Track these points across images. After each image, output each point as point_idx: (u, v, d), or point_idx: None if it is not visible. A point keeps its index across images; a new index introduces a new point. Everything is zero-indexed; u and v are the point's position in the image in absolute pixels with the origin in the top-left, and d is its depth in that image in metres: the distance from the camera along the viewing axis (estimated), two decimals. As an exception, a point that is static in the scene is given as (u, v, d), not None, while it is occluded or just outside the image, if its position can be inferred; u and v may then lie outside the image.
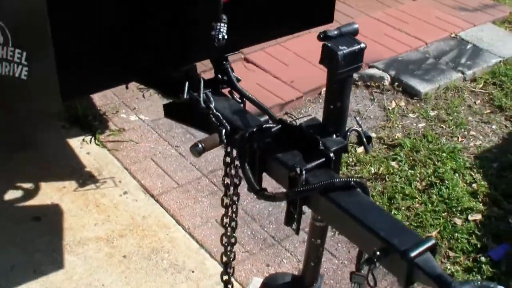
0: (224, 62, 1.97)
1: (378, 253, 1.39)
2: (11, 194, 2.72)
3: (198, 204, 2.75)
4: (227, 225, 1.96)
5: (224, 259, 2.01)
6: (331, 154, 1.60)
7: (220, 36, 1.74)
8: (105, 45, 1.67)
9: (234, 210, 1.94)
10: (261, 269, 2.44)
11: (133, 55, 1.74)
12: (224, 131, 1.75)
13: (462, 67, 3.73)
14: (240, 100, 1.96)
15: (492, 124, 3.31)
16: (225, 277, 2.03)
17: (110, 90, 3.45)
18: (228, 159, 1.85)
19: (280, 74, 3.54)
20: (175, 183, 2.86)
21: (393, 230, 1.42)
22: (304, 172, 1.55)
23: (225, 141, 1.75)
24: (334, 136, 1.68)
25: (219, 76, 1.98)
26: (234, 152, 1.84)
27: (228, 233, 1.97)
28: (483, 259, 2.48)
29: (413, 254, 1.33)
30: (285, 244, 2.57)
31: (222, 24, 1.75)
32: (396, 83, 3.56)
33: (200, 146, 1.72)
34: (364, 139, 1.70)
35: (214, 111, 1.80)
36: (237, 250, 2.29)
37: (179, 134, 3.18)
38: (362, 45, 1.58)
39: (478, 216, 2.67)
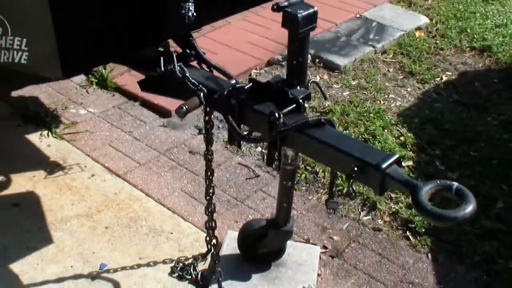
0: (190, 38, 2.28)
1: (356, 169, 1.75)
2: (-15, 188, 2.90)
3: (161, 178, 3.02)
4: (209, 177, 2.27)
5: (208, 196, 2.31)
6: (300, 100, 1.95)
7: (190, 14, 2.05)
8: (95, 25, 1.93)
9: (210, 163, 2.25)
10: (231, 225, 2.76)
11: (118, 35, 2.01)
12: (202, 94, 2.05)
13: (371, 41, 4.20)
14: (208, 70, 2.28)
15: (407, 87, 3.79)
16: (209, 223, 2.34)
17: (54, 89, 3.66)
18: (207, 118, 2.17)
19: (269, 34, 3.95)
20: (136, 163, 3.12)
21: (365, 151, 1.79)
22: (281, 115, 1.89)
23: (204, 102, 2.06)
24: (298, 87, 2.03)
25: (187, 51, 2.28)
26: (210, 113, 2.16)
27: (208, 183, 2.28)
28: (416, 194, 2.91)
29: (384, 165, 1.70)
30: (247, 203, 2.90)
31: (190, 4, 2.06)
32: (317, 60, 3.97)
33: (184, 108, 2.02)
34: (321, 88, 2.08)
35: (190, 78, 2.10)
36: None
37: (129, 121, 3.43)
38: (315, 8, 1.95)
39: (410, 162, 3.11)
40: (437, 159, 3.14)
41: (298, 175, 3.01)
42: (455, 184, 1.65)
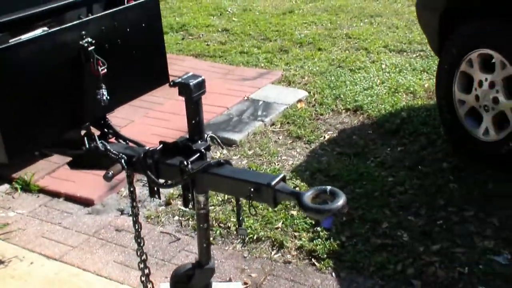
0: (106, 119, 2.77)
1: (252, 190, 2.25)
2: None
3: (95, 255, 3.39)
4: (138, 229, 2.68)
5: (141, 266, 2.71)
6: (203, 150, 2.46)
7: (104, 98, 2.57)
8: (30, 120, 2.40)
9: (136, 216, 2.67)
10: (162, 280, 3.15)
11: (49, 124, 2.48)
12: (123, 160, 2.53)
13: (260, 117, 4.82)
14: (125, 143, 2.76)
15: (296, 148, 4.38)
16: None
17: (-19, 199, 3.99)
18: (127, 179, 2.62)
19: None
20: (70, 246, 3.48)
21: (257, 176, 2.31)
22: (189, 163, 2.39)
23: (125, 166, 2.53)
24: (199, 141, 2.55)
25: (105, 130, 2.77)
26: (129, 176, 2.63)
27: (138, 240, 2.70)
28: (319, 229, 3.43)
29: (273, 183, 2.21)
30: (173, 261, 3.30)
31: (104, 90, 2.57)
32: (215, 140, 4.51)
33: (110, 173, 2.48)
34: (217, 139, 2.61)
35: (112, 150, 2.58)
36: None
37: (57, 215, 3.80)
38: (203, 77, 2.50)
39: (304, 204, 3.64)
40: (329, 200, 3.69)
41: (214, 231, 3.46)
42: (329, 187, 2.18)
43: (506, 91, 3.76)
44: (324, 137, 4.52)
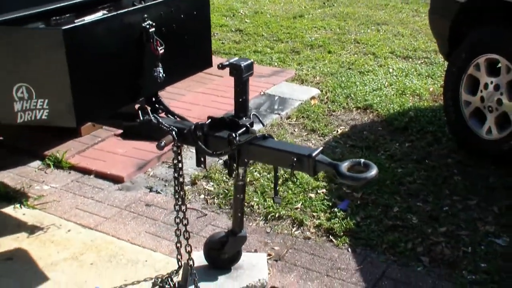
0: (158, 96, 3.06)
1: (295, 160, 2.54)
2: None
3: (127, 226, 3.66)
4: (177, 192, 2.93)
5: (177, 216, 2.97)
6: (248, 125, 2.76)
7: (161, 75, 2.86)
8: (98, 88, 2.69)
9: (182, 185, 2.94)
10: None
11: (113, 95, 2.77)
12: (174, 132, 2.82)
13: (277, 110, 5.12)
14: (173, 118, 3.05)
15: (311, 140, 4.68)
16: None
17: (15, 173, 4.25)
18: (176, 149, 2.89)
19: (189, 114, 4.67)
20: (103, 218, 3.75)
21: (298, 148, 2.61)
22: (237, 135, 2.69)
23: (176, 137, 2.82)
24: (244, 118, 2.84)
25: (156, 105, 3.06)
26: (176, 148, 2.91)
27: (179, 203, 2.97)
28: (336, 210, 3.73)
29: (314, 154, 2.52)
30: (201, 234, 3.57)
31: (160, 68, 2.87)
32: (257, 117, 4.79)
33: (163, 143, 2.77)
34: (259, 117, 2.91)
35: (164, 123, 2.87)
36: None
37: (89, 190, 4.07)
38: (251, 60, 2.80)
39: (324, 190, 3.94)
40: (344, 186, 3.99)
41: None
42: (362, 160, 2.49)
43: (510, 93, 4.07)
44: (337, 131, 4.82)
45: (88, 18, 3.07)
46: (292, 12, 8.37)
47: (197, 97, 5.39)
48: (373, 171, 2.42)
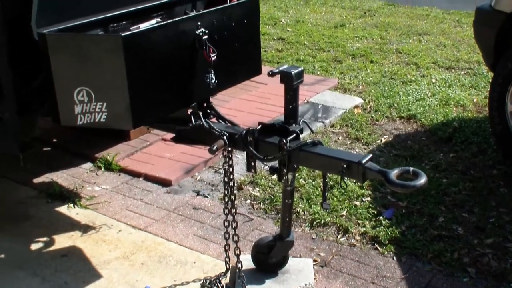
0: (210, 102, 3.15)
1: (345, 166, 2.60)
2: (34, 246, 3.55)
3: (176, 228, 3.75)
4: (227, 195, 3.01)
5: (227, 220, 3.04)
6: (298, 131, 2.82)
7: (213, 81, 2.94)
8: (154, 93, 2.79)
9: (232, 189, 3.01)
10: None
11: (167, 100, 2.87)
12: (225, 137, 2.90)
13: (321, 118, 5.17)
14: (225, 123, 3.13)
15: (355, 148, 4.72)
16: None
17: (68, 174, 4.38)
18: (227, 153, 2.96)
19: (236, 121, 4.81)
20: (152, 219, 3.85)
21: (348, 155, 2.66)
22: (288, 141, 2.75)
23: (227, 142, 2.90)
24: (294, 125, 2.91)
25: (208, 110, 3.15)
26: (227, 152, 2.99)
27: (229, 206, 3.04)
28: (381, 218, 3.76)
29: (363, 161, 2.57)
30: (248, 238, 3.64)
31: (212, 74, 2.95)
32: (306, 124, 4.84)
33: (215, 147, 2.85)
34: (308, 124, 2.97)
35: (215, 128, 2.95)
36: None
37: (138, 192, 4.18)
38: (302, 68, 2.87)
39: (368, 198, 3.98)
40: (388, 195, 4.02)
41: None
42: (411, 168, 2.53)
43: (556, 105, 4.06)
44: (381, 140, 4.85)
45: (143, 26, 3.18)
46: (333, 22, 8.43)
47: (242, 104, 5.48)
48: (423, 179, 2.46)
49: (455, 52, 7.08)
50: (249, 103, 5.49)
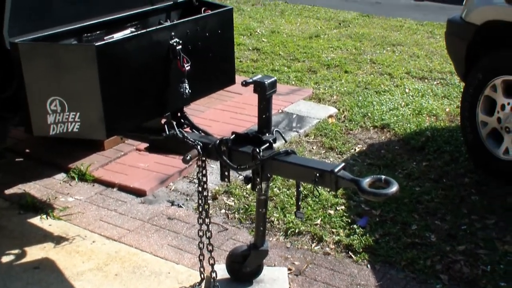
0: (184, 112, 3.15)
1: (318, 175, 2.62)
2: (5, 258, 3.51)
3: (150, 239, 3.74)
4: (201, 205, 3.01)
5: (201, 229, 3.05)
6: (271, 141, 2.84)
7: (187, 91, 2.95)
8: (127, 104, 2.78)
9: (206, 198, 3.02)
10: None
11: (140, 110, 2.86)
12: (199, 146, 2.91)
13: (295, 128, 5.20)
14: (198, 133, 3.14)
15: (330, 158, 4.75)
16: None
17: (41, 185, 4.34)
18: (201, 163, 2.97)
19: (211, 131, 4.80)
20: (127, 230, 3.83)
21: (321, 164, 2.68)
22: (261, 150, 2.77)
23: (201, 152, 2.90)
24: (267, 134, 2.92)
25: (182, 120, 3.15)
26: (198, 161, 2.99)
27: (203, 216, 3.05)
28: (355, 227, 3.79)
29: (336, 170, 2.59)
30: (223, 248, 3.64)
31: (186, 84, 2.96)
32: (279, 134, 4.86)
33: (188, 156, 2.86)
34: (281, 134, 2.98)
35: (189, 137, 2.96)
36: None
37: (112, 202, 4.15)
38: (275, 78, 2.89)
39: (342, 207, 4.01)
40: (362, 203, 4.05)
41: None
42: (383, 176, 2.56)
43: (527, 114, 4.13)
44: (355, 150, 4.89)
45: (117, 35, 3.18)
46: (308, 32, 8.49)
47: (217, 114, 5.48)
48: (394, 187, 2.48)
49: (428, 62, 7.17)
50: (224, 113, 5.50)
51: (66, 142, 4.57)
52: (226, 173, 2.96)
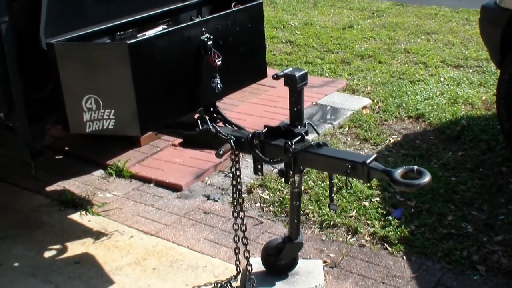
0: (216, 106, 3.19)
1: (350, 167, 2.62)
2: (47, 253, 3.60)
3: (187, 233, 3.79)
4: (235, 199, 3.04)
5: (236, 223, 3.08)
6: (303, 134, 2.85)
7: (219, 86, 2.98)
8: (161, 100, 2.83)
9: (240, 192, 3.04)
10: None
11: (174, 105, 2.91)
12: (232, 141, 2.93)
13: (329, 120, 5.19)
14: (231, 127, 3.17)
15: (364, 149, 4.74)
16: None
17: (80, 182, 4.43)
18: (234, 157, 2.99)
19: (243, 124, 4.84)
20: (163, 225, 3.89)
21: (352, 156, 2.69)
22: (293, 143, 2.78)
23: (234, 146, 2.93)
24: (299, 127, 2.94)
25: (214, 115, 3.18)
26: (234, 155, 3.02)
27: (238, 209, 3.08)
28: (390, 218, 3.78)
29: (368, 161, 2.59)
30: (258, 241, 3.67)
31: (218, 79, 2.99)
32: (312, 126, 4.86)
33: (221, 151, 2.89)
34: (313, 126, 2.99)
35: (222, 132, 2.99)
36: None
37: (149, 198, 4.22)
38: (305, 70, 2.89)
39: (378, 198, 4.00)
40: (397, 194, 4.04)
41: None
42: (415, 167, 2.55)
43: None
44: (389, 140, 4.86)
45: (150, 33, 3.22)
46: (341, 23, 8.45)
47: (251, 108, 5.51)
48: (427, 178, 2.47)
49: (464, 50, 7.07)
50: (258, 107, 5.52)
51: (104, 139, 4.65)
52: (259, 167, 2.98)
